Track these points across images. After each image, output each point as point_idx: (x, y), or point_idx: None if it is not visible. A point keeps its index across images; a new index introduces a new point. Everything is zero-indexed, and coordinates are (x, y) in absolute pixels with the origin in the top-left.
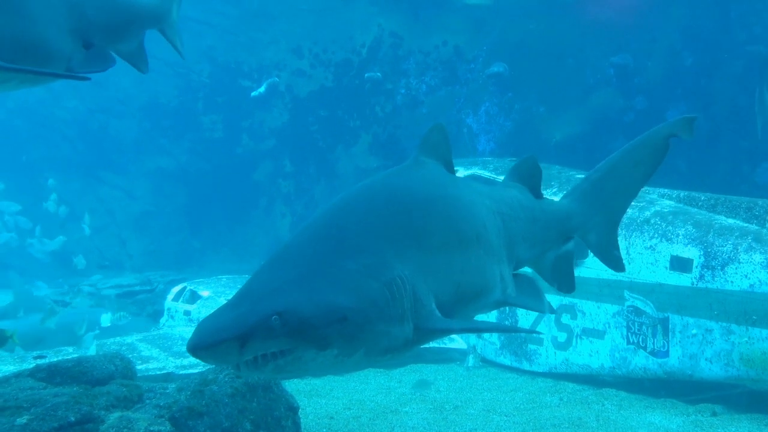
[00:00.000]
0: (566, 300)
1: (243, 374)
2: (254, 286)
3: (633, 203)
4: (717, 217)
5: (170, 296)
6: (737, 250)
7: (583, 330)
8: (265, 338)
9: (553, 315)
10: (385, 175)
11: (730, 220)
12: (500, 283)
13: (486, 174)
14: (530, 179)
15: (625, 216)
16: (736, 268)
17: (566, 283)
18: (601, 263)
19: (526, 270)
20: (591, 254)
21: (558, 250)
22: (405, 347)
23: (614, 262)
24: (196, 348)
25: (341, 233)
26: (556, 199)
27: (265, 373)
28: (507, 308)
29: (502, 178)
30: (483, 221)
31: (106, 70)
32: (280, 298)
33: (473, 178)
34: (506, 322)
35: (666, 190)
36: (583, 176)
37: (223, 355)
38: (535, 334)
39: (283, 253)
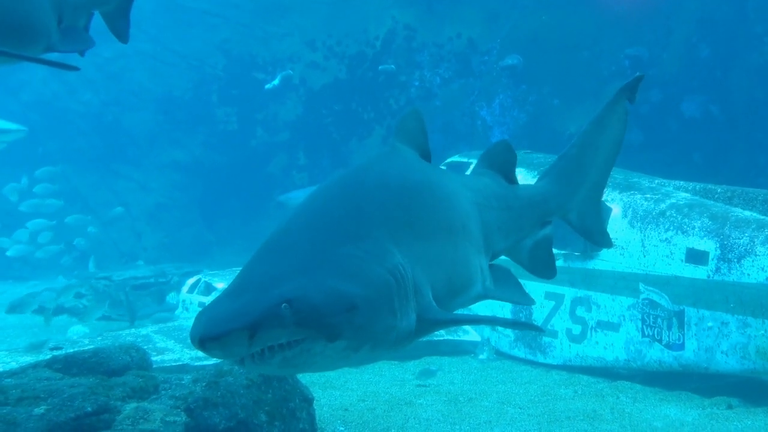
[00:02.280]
0: (581, 292)
1: (247, 368)
2: (254, 274)
3: (649, 195)
4: (733, 209)
5: (185, 288)
6: (754, 242)
7: (598, 323)
8: (274, 327)
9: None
10: (368, 163)
11: (747, 213)
12: (480, 276)
13: None
14: (503, 165)
15: (640, 208)
16: (752, 261)
17: (546, 270)
18: (615, 255)
19: (501, 260)
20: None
21: (536, 236)
22: (408, 339)
23: (601, 239)
24: (203, 339)
25: (337, 218)
26: None
27: (271, 367)
28: None
29: (517, 170)
30: (466, 211)
31: (85, 49)
32: (287, 285)
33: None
34: (521, 315)
35: (682, 182)
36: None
37: (231, 346)
38: (549, 327)
39: (278, 240)
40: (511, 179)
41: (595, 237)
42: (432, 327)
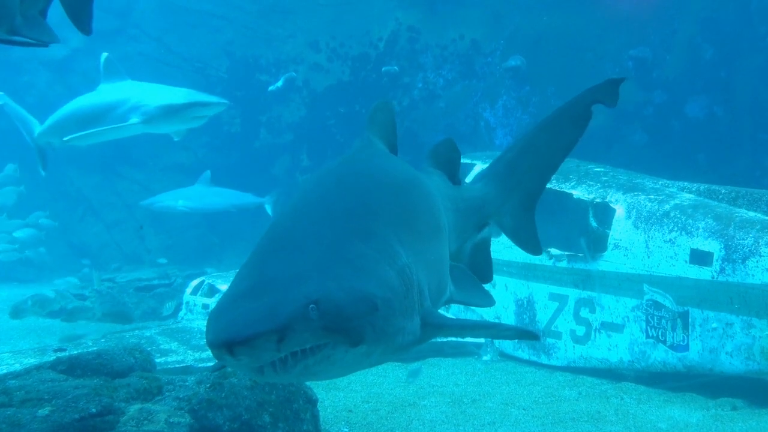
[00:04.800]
0: (585, 294)
1: (266, 377)
2: (268, 272)
3: (653, 196)
4: (738, 210)
5: (189, 290)
6: (758, 243)
7: (602, 324)
8: (303, 330)
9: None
10: (353, 158)
11: (751, 213)
12: (450, 278)
13: None
14: (448, 164)
15: (644, 209)
16: (757, 262)
17: (484, 274)
18: (619, 256)
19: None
20: (611, 247)
21: (474, 239)
22: (413, 344)
23: (530, 246)
24: (230, 343)
25: (342, 215)
26: (576, 192)
27: (290, 376)
28: (525, 303)
29: None
30: (441, 210)
31: (47, 42)
32: (311, 285)
33: None
34: (525, 316)
35: (686, 183)
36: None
37: (261, 350)
38: (553, 329)
39: (282, 237)
40: (456, 180)
41: (525, 244)
42: (435, 332)
